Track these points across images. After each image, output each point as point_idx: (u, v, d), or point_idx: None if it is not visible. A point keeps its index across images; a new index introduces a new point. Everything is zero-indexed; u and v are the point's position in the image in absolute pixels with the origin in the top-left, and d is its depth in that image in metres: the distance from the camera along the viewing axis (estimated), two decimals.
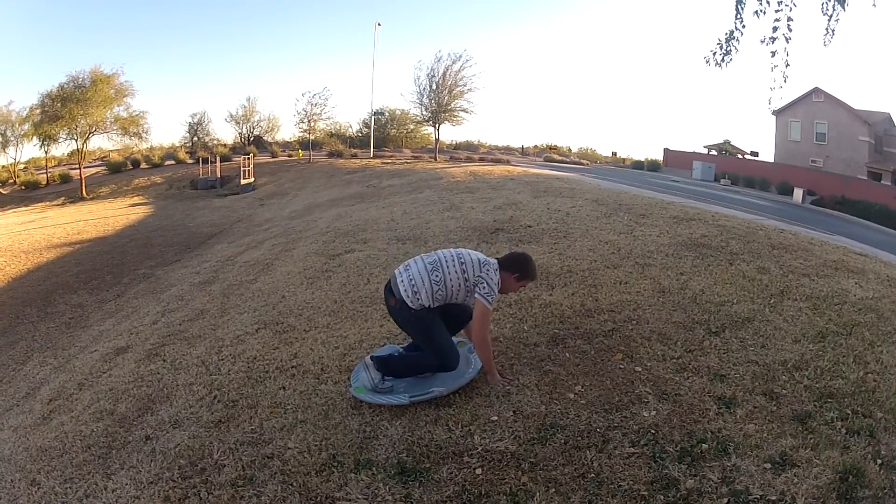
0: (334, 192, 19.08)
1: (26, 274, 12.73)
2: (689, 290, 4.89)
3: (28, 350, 7.84)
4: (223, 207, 21.20)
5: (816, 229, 11.58)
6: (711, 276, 5.32)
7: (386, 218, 10.24)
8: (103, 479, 3.44)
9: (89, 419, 4.40)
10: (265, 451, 3.25)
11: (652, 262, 5.75)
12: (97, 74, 31.59)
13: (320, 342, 4.62)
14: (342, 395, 3.66)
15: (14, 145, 39.53)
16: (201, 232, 15.73)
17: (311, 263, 7.49)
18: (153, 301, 8.49)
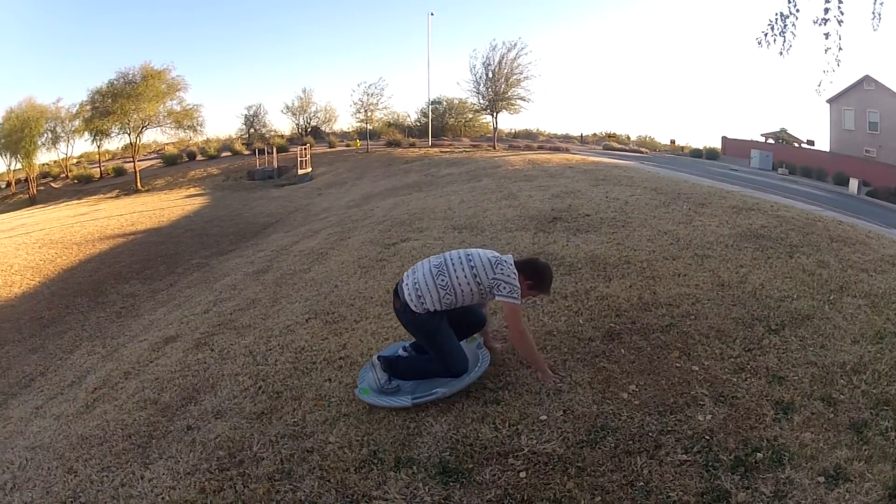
0: (392, 181, 24.30)
1: (78, 265, 17.15)
2: (748, 283, 6.13)
3: (77, 339, 10.63)
4: (280, 197, 27.36)
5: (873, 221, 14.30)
6: (771, 270, 6.70)
7: (443, 206, 13.00)
8: (140, 469, 4.45)
9: (132, 408, 5.69)
10: (305, 444, 4.11)
11: (711, 254, 7.25)
12: (147, 70, 43.66)
13: (370, 333, 5.82)
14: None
15: (65, 141, 54.66)
16: (257, 222, 20.61)
17: (366, 253, 9.50)
18: (206, 290, 10.82)
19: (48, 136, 52.94)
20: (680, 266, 6.86)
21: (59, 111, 51.24)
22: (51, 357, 9.81)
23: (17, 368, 10.34)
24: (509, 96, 40.59)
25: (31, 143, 49.65)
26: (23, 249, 21.08)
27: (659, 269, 6.80)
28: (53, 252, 19.49)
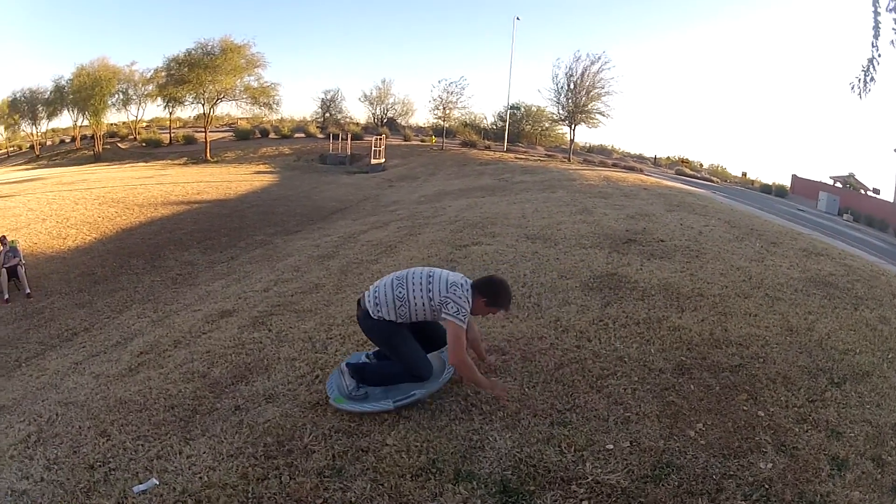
0: (465, 181, 25.89)
1: (138, 227, 18.43)
2: (815, 332, 6.41)
3: (128, 300, 11.32)
4: (351, 185, 29.34)
5: None
6: (837, 320, 6.95)
7: (517, 214, 13.53)
8: (180, 443, 4.50)
9: (178, 379, 5.83)
10: (360, 443, 4.18)
11: (781, 296, 7.59)
12: (227, 44, 47.10)
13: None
14: (453, 396, 4.66)
15: (136, 104, 59.62)
16: (326, 206, 22.00)
17: (437, 251, 9.94)
18: (267, 269, 11.33)
19: (119, 98, 57.55)
20: (751, 305, 7.13)
21: (132, 74, 57.05)
22: (98, 314, 10.38)
23: (61, 321, 10.90)
24: (589, 109, 42.53)
25: (100, 101, 53.45)
26: (81, 204, 22.44)
27: (731, 305, 7.07)
28: (113, 210, 20.98)
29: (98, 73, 53.68)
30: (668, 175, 41.47)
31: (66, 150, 61.58)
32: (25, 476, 4.63)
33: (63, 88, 57.58)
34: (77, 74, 54.56)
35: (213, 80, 46.75)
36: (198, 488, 3.93)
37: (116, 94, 56.41)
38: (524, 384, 4.92)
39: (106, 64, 55.21)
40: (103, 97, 53.60)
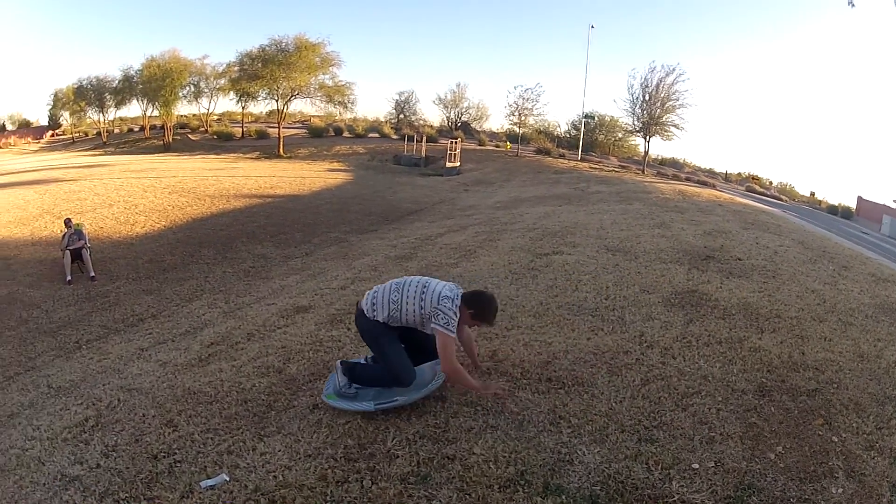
0: (541, 189, 26.59)
1: (209, 217, 19.05)
2: (883, 359, 6.40)
3: (198, 289, 11.66)
4: (425, 187, 30.21)
5: None
6: None
7: (595, 225, 13.92)
8: (253, 439, 4.49)
9: (252, 373, 5.89)
10: (446, 451, 4.21)
11: (853, 322, 7.63)
12: (301, 41, 48.87)
13: (522, 344, 6.13)
14: (540, 406, 4.77)
15: (207, 97, 62.37)
16: (401, 207, 22.76)
17: (517, 258, 10.22)
18: (344, 266, 11.61)
19: (191, 90, 60.38)
20: (826, 330, 7.20)
21: (204, 67, 59.85)
22: (166, 301, 10.70)
23: (126, 306, 11.25)
24: (663, 122, 43.10)
25: (171, 93, 55.98)
26: (150, 192, 23.24)
27: (807, 328, 7.17)
28: (184, 200, 21.69)
29: (168, 64, 56.37)
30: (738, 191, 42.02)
31: (134, 139, 64.86)
32: (79, 461, 4.67)
33: (132, 78, 60.83)
34: (147, 65, 57.44)
35: (287, 77, 48.10)
36: (272, 487, 3.94)
37: (187, 86, 59.23)
38: (611, 399, 4.97)
39: (176, 56, 57.97)
40: (174, 89, 56.10)
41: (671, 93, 42.60)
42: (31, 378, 8.24)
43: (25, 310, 11.64)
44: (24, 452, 5.13)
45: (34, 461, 4.89)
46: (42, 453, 5.02)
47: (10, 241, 16.63)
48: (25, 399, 7.20)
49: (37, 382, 7.86)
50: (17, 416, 6.58)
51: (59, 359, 9.01)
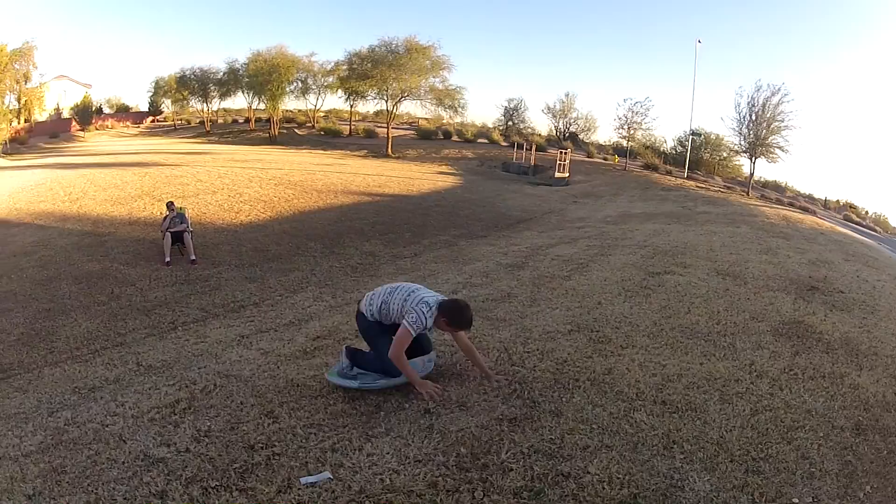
0: (649, 205, 27.69)
1: (316, 211, 19.80)
2: None
3: (303, 281, 12.05)
4: (534, 196, 31.21)
5: None
6: None
7: (704, 246, 14.41)
8: (360, 439, 4.53)
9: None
10: (561, 467, 4.24)
11: None
12: (412, 44, 50.96)
13: (637, 364, 6.23)
14: (655, 429, 4.86)
15: (315, 93, 65.21)
16: (510, 215, 23.58)
17: (629, 275, 10.53)
18: (454, 270, 11.82)
19: (298, 86, 63.14)
20: None
21: (311, 65, 62.68)
22: (269, 291, 11.03)
23: (227, 291, 11.65)
24: (769, 143, 43.61)
25: (278, 87, 58.70)
26: (255, 182, 24.17)
27: None
28: (290, 192, 22.50)
29: (275, 60, 59.07)
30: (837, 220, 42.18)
31: (238, 130, 68.52)
32: (166, 443, 4.76)
33: (237, 71, 64.45)
34: (253, 59, 60.55)
35: (397, 78, 50.07)
36: (378, 490, 3.97)
37: (294, 82, 62.04)
38: (722, 427, 5.01)
39: (283, 52, 60.65)
40: (281, 83, 58.80)
41: (776, 113, 43.07)
42: (118, 354, 8.57)
43: (118, 286, 12.19)
44: (104, 428, 5.27)
45: (114, 438, 5.00)
46: (124, 430, 5.13)
47: (106, 218, 17.51)
48: (111, 374, 7.48)
49: (125, 358, 8.18)
50: (100, 390, 6.83)
51: (151, 337, 9.36)
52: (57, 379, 7.70)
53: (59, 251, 14.36)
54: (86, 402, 6.33)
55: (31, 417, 6.07)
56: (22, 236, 15.91)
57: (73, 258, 13.85)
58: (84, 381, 7.36)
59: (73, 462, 4.62)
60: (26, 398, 7.02)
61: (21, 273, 12.91)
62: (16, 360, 8.84)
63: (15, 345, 9.38)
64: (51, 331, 9.91)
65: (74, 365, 8.28)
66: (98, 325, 10.04)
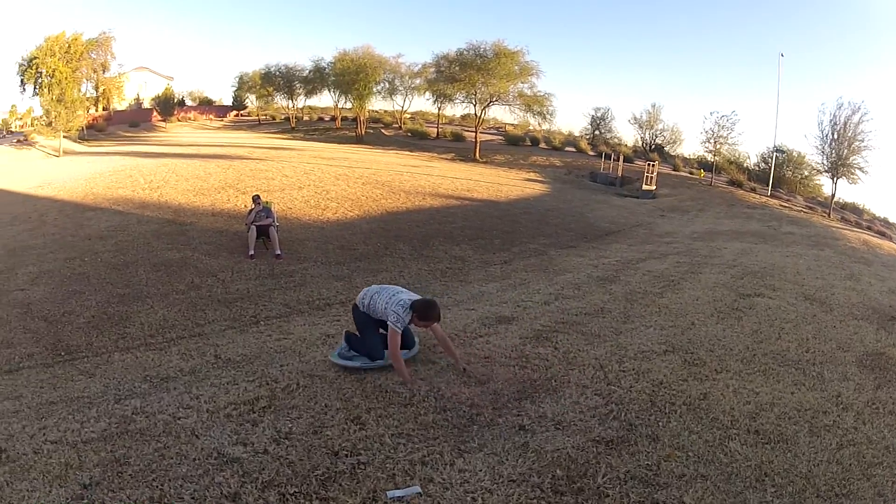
0: (735, 223, 28.17)
1: (404, 212, 20.07)
2: None
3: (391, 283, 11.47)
4: (622, 207, 31.44)
5: None
6: None
7: (791, 269, 14.52)
8: (452, 454, 4.44)
9: (453, 380, 6.03)
10: (657, 496, 4.21)
11: None
12: (500, 48, 51.20)
13: (732, 390, 6.20)
14: (749, 460, 4.83)
15: (402, 95, 66.53)
16: (599, 226, 23.90)
17: (721, 296, 10.59)
18: (545, 280, 11.88)
19: (384, 86, 64.25)
20: None
21: (398, 66, 63.76)
22: (356, 290, 10.73)
23: (313, 288, 11.73)
24: (850, 164, 43.74)
25: (365, 87, 59.78)
26: (342, 180, 24.54)
27: None
28: (378, 192, 22.85)
29: (362, 59, 60.24)
30: None
31: (324, 128, 70.40)
32: (242, 442, 4.73)
33: (323, 69, 66.13)
34: (339, 59, 61.79)
35: (486, 83, 50.61)
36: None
37: (381, 82, 63.20)
38: (811, 460, 4.95)
39: (370, 52, 61.76)
40: (368, 83, 59.84)
41: (857, 133, 43.07)
42: (195, 344, 8.63)
43: (198, 276, 12.33)
44: (175, 420, 5.26)
45: (185, 432, 4.98)
46: (197, 425, 5.11)
47: (188, 208, 17.94)
48: (186, 365, 7.53)
49: (202, 350, 8.22)
50: (173, 380, 6.87)
51: (231, 330, 9.39)
52: (128, 365, 7.81)
53: (138, 237, 14.71)
54: (157, 391, 6.35)
55: (96, 403, 6.11)
56: (98, 220, 16.39)
57: (151, 245, 14.15)
58: (157, 369, 7.44)
59: (137, 454, 4.59)
60: (92, 382, 7.13)
61: (96, 257, 13.26)
62: (84, 342, 9.02)
63: (84, 327, 9.56)
64: (124, 316, 10.07)
65: (148, 352, 8.39)
66: (175, 314, 10.16)
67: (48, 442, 5.00)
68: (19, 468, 4.51)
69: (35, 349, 8.80)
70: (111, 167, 25.84)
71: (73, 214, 17.37)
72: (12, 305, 10.47)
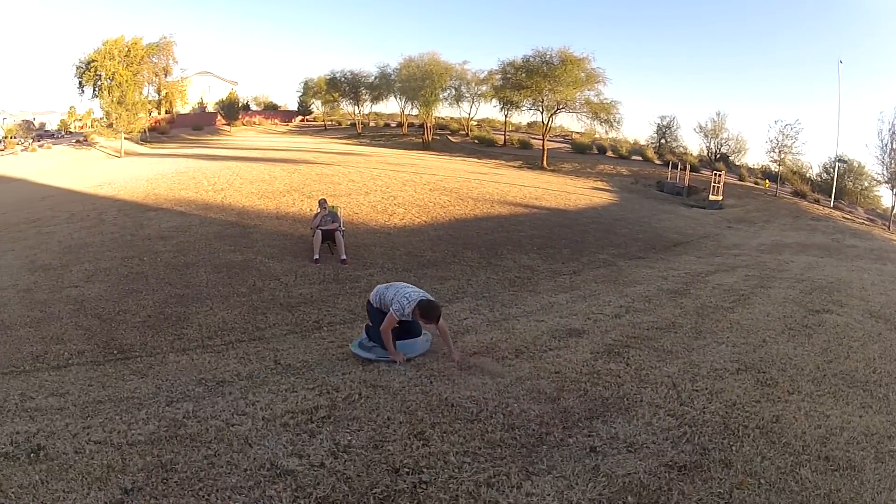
0: (800, 235, 28.62)
1: (472, 220, 20.14)
2: None
3: (459, 291, 12.08)
4: (689, 218, 31.63)
5: None
6: None
7: (857, 284, 14.35)
8: (519, 475, 4.27)
9: (522, 395, 5.84)
10: None
11: None
12: (566, 55, 52.02)
13: (803, 413, 5.98)
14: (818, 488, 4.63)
15: (468, 101, 67.89)
16: (667, 236, 23.93)
17: (790, 311, 10.40)
18: (614, 292, 11.74)
19: (451, 93, 65.48)
20: None
21: (464, 72, 65.04)
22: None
23: None
24: None
25: (431, 93, 60.82)
26: (409, 186, 24.71)
27: None
28: (446, 199, 22.97)
29: (428, 66, 61.37)
30: None
31: (390, 134, 71.90)
32: (298, 454, 4.62)
33: (389, 76, 67.70)
34: (405, 65, 63.34)
35: (553, 90, 51.50)
36: None
37: (448, 89, 64.33)
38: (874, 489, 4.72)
39: (436, 59, 62.88)
40: (434, 90, 60.91)
41: None
42: (255, 348, 8.57)
43: (261, 279, 12.28)
44: (229, 427, 5.17)
45: (238, 440, 4.89)
46: (251, 433, 5.02)
47: (252, 211, 18.16)
48: (244, 369, 7.47)
49: (261, 354, 8.16)
50: (229, 384, 6.80)
51: (292, 335, 9.31)
52: (182, 367, 7.79)
53: (199, 238, 14.89)
54: (212, 395, 6.29)
55: (146, 404, 6.08)
56: (159, 220, 16.72)
57: (213, 246, 14.28)
58: (213, 372, 7.39)
59: (185, 460, 4.51)
60: (144, 383, 7.09)
61: (155, 256, 13.44)
62: (138, 341, 9.01)
63: (140, 327, 9.58)
64: (182, 317, 10.06)
65: (204, 355, 8.36)
66: (235, 317, 10.11)
67: (91, 442, 4.97)
68: (57, 467, 4.48)
69: (86, 346, 8.81)
70: (174, 169, 26.66)
71: (134, 214, 17.83)
72: (65, 302, 10.58)
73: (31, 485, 4.24)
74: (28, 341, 8.90)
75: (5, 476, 4.36)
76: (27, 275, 12.28)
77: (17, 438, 5.12)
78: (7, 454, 4.78)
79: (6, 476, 4.36)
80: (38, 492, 4.12)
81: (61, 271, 12.37)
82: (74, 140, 54.02)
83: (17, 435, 5.21)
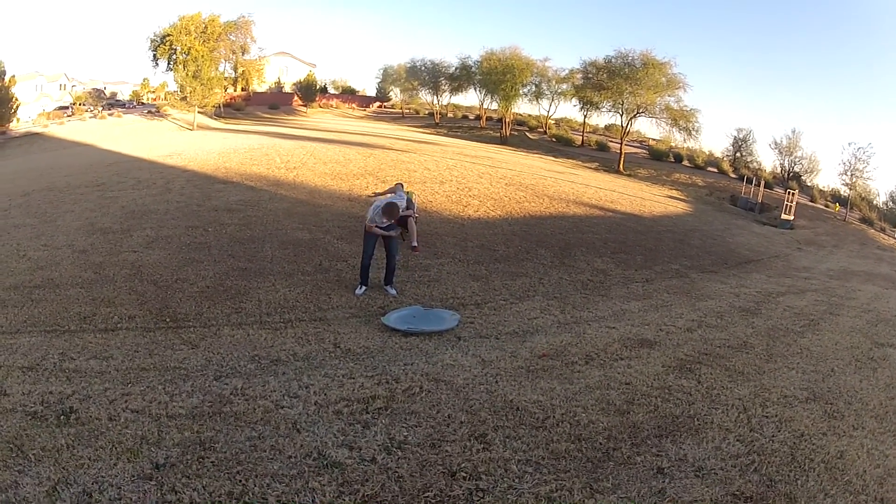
0: (867, 264, 27.91)
1: (547, 217, 19.93)
2: None
3: (530, 289, 11.79)
4: (761, 235, 31.12)
5: None
6: None
7: None
8: (583, 491, 4.10)
9: (591, 405, 5.60)
10: None
11: None
12: (648, 58, 51.22)
13: (866, 450, 5.72)
14: None
15: (548, 99, 67.85)
16: (739, 252, 23.61)
17: (857, 342, 10.16)
18: (687, 305, 11.60)
19: (531, 89, 65.34)
20: None
21: (545, 69, 64.72)
22: (493, 293, 10.88)
23: (448, 286, 11.46)
24: None
25: (511, 88, 60.84)
26: (485, 179, 24.64)
27: None
28: (521, 194, 22.73)
29: (509, 60, 61.14)
30: None
31: (468, 126, 72.13)
32: (349, 445, 4.50)
33: (470, 68, 67.71)
34: (486, 58, 63.13)
35: (634, 93, 50.72)
36: None
37: (528, 85, 64.19)
38: None
39: (517, 53, 62.62)
40: (515, 85, 60.88)
41: None
42: (314, 329, 8.25)
43: (328, 259, 11.95)
44: (278, 409, 5.09)
45: (287, 423, 4.79)
46: (301, 418, 4.92)
47: (324, 190, 18.18)
48: (301, 349, 7.25)
49: (321, 336, 7.87)
50: (284, 364, 6.64)
51: (355, 319, 9.01)
52: (237, 342, 7.51)
53: (268, 213, 14.82)
54: (264, 374, 6.16)
55: (193, 376, 5.98)
56: (227, 193, 16.80)
57: (281, 223, 14.15)
58: (267, 350, 7.17)
59: (226, 439, 4.42)
60: (193, 354, 6.91)
61: (220, 228, 13.39)
62: (193, 311, 8.71)
63: (196, 297, 9.32)
64: (241, 290, 9.73)
65: (261, 331, 8.05)
66: (297, 295, 9.77)
67: (128, 410, 4.92)
68: (87, 433, 4.42)
69: (137, 311, 8.53)
70: (247, 144, 26.99)
71: (202, 185, 17.99)
72: (121, 266, 10.50)
73: (55, 448, 4.20)
74: (77, 301, 8.75)
75: (29, 436, 4.33)
76: (84, 236, 12.35)
77: (49, 398, 5.11)
78: (35, 413, 4.78)
79: (30, 436, 4.33)
80: (62, 456, 4.07)
81: (121, 235, 12.42)
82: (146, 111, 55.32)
83: (50, 395, 5.20)
